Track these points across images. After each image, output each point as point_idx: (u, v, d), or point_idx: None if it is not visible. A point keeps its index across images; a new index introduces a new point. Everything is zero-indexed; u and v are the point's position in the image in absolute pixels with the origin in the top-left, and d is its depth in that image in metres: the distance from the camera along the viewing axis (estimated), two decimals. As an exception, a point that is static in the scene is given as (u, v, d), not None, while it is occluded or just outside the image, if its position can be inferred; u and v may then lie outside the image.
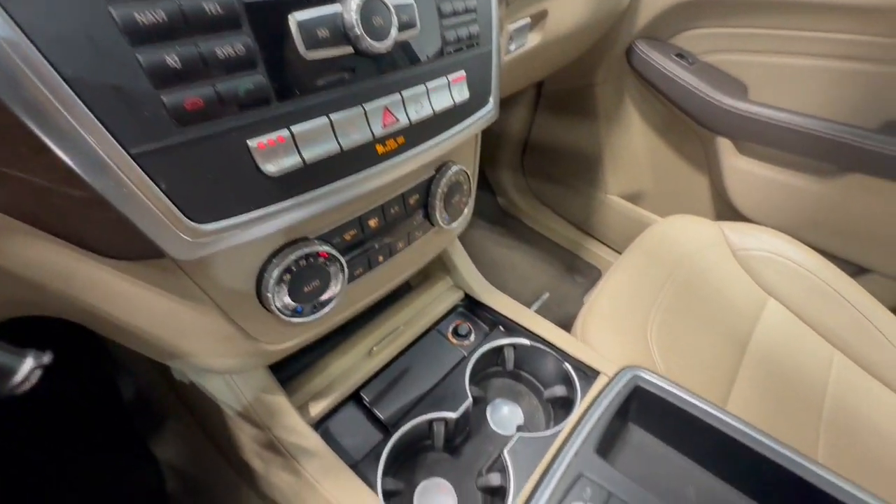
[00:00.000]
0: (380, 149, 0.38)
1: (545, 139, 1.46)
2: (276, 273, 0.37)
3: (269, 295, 0.37)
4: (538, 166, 1.53)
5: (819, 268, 0.84)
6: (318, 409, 0.53)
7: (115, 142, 0.25)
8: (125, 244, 0.30)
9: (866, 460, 0.63)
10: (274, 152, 0.31)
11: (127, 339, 0.39)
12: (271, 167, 0.31)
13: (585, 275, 1.41)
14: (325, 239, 0.40)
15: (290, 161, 0.32)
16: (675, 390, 0.49)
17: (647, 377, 0.51)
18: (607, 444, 0.48)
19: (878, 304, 0.81)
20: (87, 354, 0.95)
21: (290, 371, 0.57)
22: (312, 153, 0.33)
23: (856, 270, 1.01)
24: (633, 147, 1.27)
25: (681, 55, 1.05)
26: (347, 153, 0.35)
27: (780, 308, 0.81)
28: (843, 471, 0.45)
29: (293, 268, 0.38)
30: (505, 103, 1.42)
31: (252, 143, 0.30)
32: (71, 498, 0.84)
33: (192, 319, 0.36)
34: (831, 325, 0.78)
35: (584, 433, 0.46)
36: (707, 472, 0.49)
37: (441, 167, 0.50)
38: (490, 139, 1.51)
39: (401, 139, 0.39)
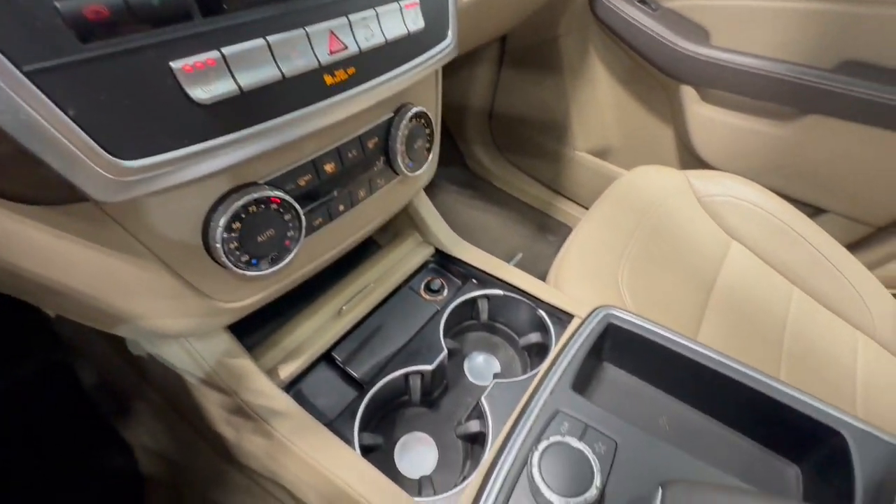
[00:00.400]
0: (328, 79, 0.34)
1: (511, 99, 1.43)
2: (222, 221, 0.34)
3: (218, 246, 0.34)
4: (505, 128, 1.50)
5: (779, 210, 0.86)
6: (287, 371, 0.51)
7: (1, 56, 0.21)
8: (36, 186, 0.26)
9: (823, 385, 0.66)
10: (203, 76, 0.27)
11: (60, 305, 0.35)
12: (201, 93, 0.27)
13: (557, 233, 1.42)
14: (275, 184, 0.37)
15: (223, 87, 0.28)
16: (646, 325, 0.49)
17: (619, 314, 0.51)
18: (582, 382, 0.49)
19: (833, 241, 0.84)
20: (39, 345, 0.89)
21: (256, 337, 0.54)
22: (249, 79, 0.29)
23: (813, 212, 1.05)
24: (598, 101, 1.26)
25: (643, 1, 1.03)
26: (291, 82, 0.32)
27: (743, 250, 0.83)
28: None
29: (242, 215, 0.35)
30: (469, 63, 1.37)
31: (176, 64, 0.26)
32: (40, 492, 0.80)
33: (132, 275, 0.33)
34: (791, 264, 0.81)
35: (559, 372, 0.46)
36: (679, 401, 0.50)
37: (400, 108, 0.47)
38: (456, 109, 1.47)
39: (351, 70, 0.36)
